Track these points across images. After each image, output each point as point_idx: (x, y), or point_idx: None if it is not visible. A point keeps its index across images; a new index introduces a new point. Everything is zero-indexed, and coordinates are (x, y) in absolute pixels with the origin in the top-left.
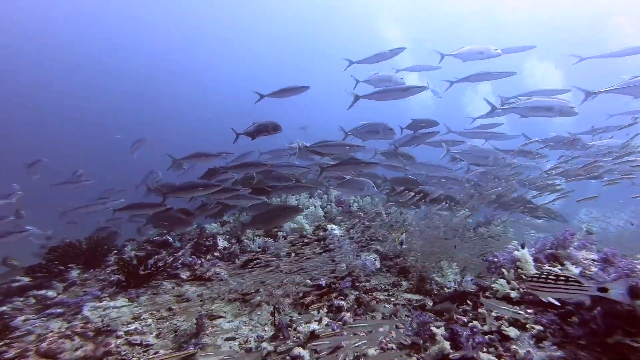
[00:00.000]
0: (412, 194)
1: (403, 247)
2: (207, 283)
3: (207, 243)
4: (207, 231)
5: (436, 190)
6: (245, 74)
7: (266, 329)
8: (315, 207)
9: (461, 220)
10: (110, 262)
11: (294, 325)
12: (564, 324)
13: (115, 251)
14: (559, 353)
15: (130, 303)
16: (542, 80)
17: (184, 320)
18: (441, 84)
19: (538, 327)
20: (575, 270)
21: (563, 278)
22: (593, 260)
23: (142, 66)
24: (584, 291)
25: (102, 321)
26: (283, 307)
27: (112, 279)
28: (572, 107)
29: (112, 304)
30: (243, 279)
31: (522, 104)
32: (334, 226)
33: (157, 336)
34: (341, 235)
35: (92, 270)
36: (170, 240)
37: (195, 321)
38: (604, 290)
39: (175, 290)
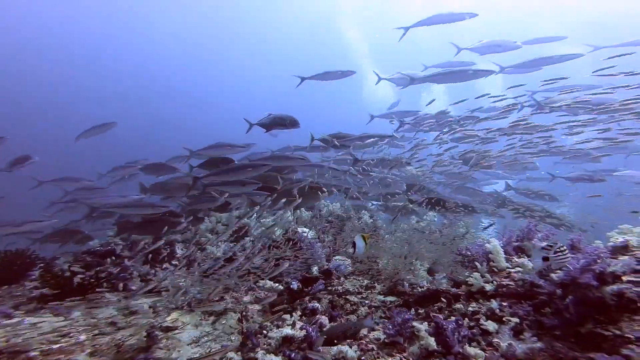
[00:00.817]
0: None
1: (358, 251)
2: (163, 293)
3: (164, 251)
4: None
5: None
6: (206, 75)
7: (233, 338)
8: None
9: (427, 223)
10: (33, 277)
11: (265, 331)
12: (538, 314)
13: (42, 264)
14: (539, 345)
15: (56, 319)
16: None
17: (130, 335)
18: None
19: (515, 319)
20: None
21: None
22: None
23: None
24: None
25: (8, 341)
26: (252, 314)
27: (34, 294)
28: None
29: (28, 320)
30: (206, 287)
31: (574, 101)
32: (304, 229)
33: (91, 354)
34: (313, 239)
35: (6, 287)
36: (118, 249)
37: (145, 334)
38: None
39: (121, 302)
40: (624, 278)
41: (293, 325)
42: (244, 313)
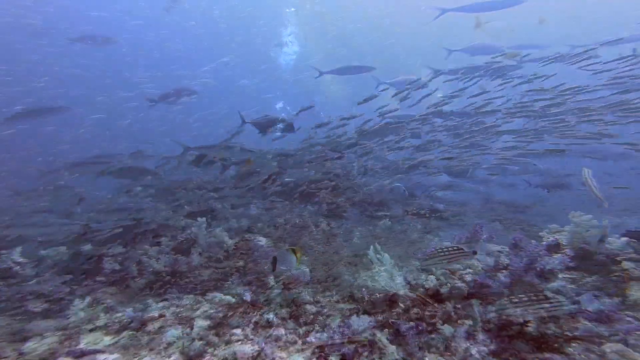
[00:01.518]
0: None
1: (288, 268)
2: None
3: (86, 267)
4: (85, 251)
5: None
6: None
7: (172, 359)
8: (237, 219)
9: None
10: None
11: (212, 349)
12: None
13: None
14: (492, 346)
15: None
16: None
17: None
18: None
19: (468, 322)
20: (489, 260)
21: (453, 249)
22: (499, 251)
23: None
24: (464, 255)
25: None
26: (198, 330)
27: None
28: None
29: None
30: (141, 304)
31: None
32: (259, 237)
33: None
34: (268, 246)
35: None
36: (14, 266)
37: None
38: (475, 253)
39: (9, 326)
40: (560, 275)
41: (244, 340)
42: (187, 329)
